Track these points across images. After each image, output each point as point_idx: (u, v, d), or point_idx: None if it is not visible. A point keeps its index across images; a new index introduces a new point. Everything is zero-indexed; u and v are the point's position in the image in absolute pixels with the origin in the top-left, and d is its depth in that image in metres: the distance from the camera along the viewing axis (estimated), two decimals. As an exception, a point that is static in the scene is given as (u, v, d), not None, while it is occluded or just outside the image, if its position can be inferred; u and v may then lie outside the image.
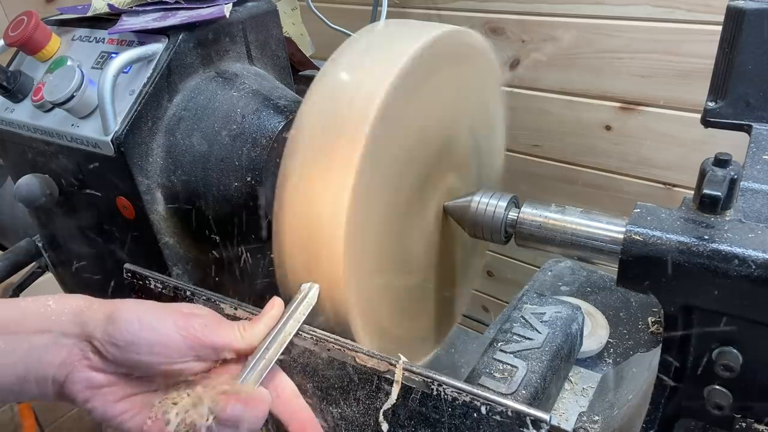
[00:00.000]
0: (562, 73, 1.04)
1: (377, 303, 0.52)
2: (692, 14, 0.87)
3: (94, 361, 0.42)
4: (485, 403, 0.40)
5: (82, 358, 0.42)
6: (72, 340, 0.42)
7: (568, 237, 0.51)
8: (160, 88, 0.61)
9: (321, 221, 0.45)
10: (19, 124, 0.66)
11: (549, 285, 0.88)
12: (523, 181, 1.18)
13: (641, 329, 0.78)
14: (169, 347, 0.42)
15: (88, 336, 0.42)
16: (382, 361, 0.43)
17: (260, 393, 0.43)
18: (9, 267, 0.76)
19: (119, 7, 0.66)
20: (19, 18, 0.64)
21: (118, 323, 0.41)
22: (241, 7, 0.68)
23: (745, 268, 0.35)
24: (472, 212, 0.57)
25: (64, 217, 0.71)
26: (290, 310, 0.46)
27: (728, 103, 0.52)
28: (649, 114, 0.98)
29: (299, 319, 0.46)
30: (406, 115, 0.49)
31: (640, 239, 0.38)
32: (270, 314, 0.46)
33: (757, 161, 0.46)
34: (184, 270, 0.68)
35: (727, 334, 0.39)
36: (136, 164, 0.60)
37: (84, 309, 0.43)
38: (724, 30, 0.51)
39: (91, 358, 0.42)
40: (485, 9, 1.08)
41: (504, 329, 0.64)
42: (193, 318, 0.44)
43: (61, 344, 0.42)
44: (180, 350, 0.42)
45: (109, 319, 0.42)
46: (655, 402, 0.44)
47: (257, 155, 0.61)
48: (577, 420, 0.60)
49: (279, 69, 0.74)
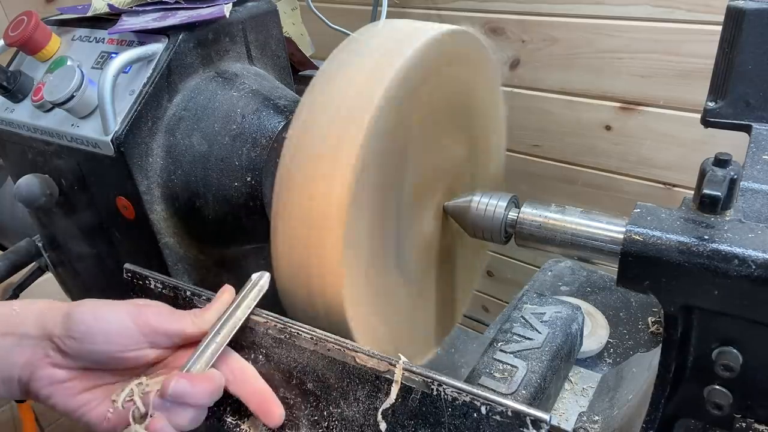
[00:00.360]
0: (562, 73, 1.04)
1: (376, 302, 0.52)
2: (692, 14, 0.87)
3: (55, 358, 0.45)
4: (485, 403, 0.40)
5: (44, 357, 0.45)
6: (34, 341, 0.45)
7: (568, 237, 0.51)
8: (160, 88, 0.61)
9: (320, 218, 0.45)
10: (19, 124, 0.66)
11: (549, 285, 0.88)
12: (523, 181, 1.18)
13: (641, 329, 0.78)
14: (123, 335, 0.45)
15: (49, 335, 0.45)
16: (382, 361, 0.43)
17: (209, 372, 0.45)
18: (9, 267, 0.76)
19: (119, 7, 0.66)
20: (19, 18, 0.64)
21: (74, 317, 0.44)
22: (241, 7, 0.68)
23: (745, 268, 0.35)
24: (472, 212, 0.57)
25: (64, 217, 0.71)
26: (240, 297, 0.49)
27: (728, 103, 0.52)
28: (649, 114, 0.98)
29: (250, 305, 0.48)
30: (405, 114, 0.49)
31: (640, 239, 0.38)
32: (221, 300, 0.49)
33: (757, 161, 0.46)
34: (184, 270, 0.68)
35: (727, 334, 0.39)
36: (136, 164, 0.60)
37: (45, 311, 0.46)
38: (724, 30, 0.51)
39: (52, 356, 0.45)
40: (485, 9, 1.08)
41: (504, 329, 0.64)
42: (145, 308, 0.47)
43: (24, 345, 0.45)
44: (133, 337, 0.45)
45: (66, 315, 0.45)
46: (655, 402, 0.44)
47: (257, 155, 0.61)
48: (577, 420, 0.60)
49: (279, 69, 0.74)
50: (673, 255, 0.37)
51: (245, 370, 0.48)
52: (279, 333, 0.47)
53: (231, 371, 0.47)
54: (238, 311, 0.48)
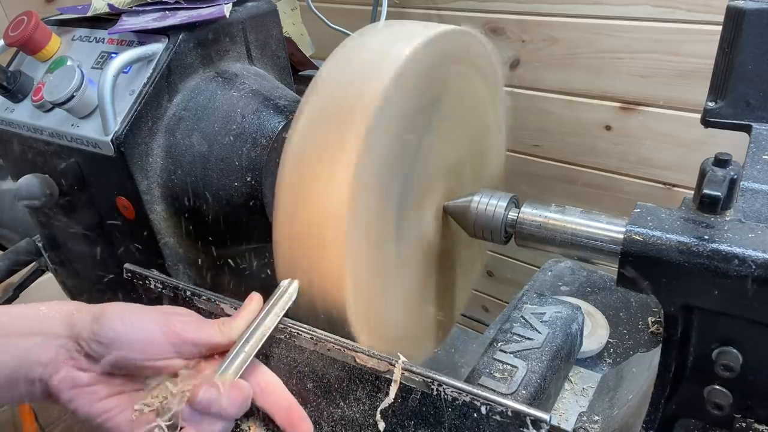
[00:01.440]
0: (562, 73, 1.04)
1: (376, 302, 0.52)
2: (692, 14, 0.87)
3: (79, 360, 0.44)
4: (485, 403, 0.40)
5: (69, 358, 0.44)
6: (60, 341, 0.44)
7: (568, 237, 0.51)
8: (160, 88, 0.61)
9: (321, 219, 0.45)
10: (19, 124, 0.66)
11: (549, 285, 0.88)
12: (523, 181, 1.18)
13: (641, 329, 0.78)
14: (150, 344, 0.44)
15: (76, 336, 0.44)
16: (382, 361, 0.43)
17: (237, 382, 0.43)
18: (9, 267, 0.76)
19: (119, 7, 0.66)
20: (19, 18, 0.64)
21: (102, 321, 0.43)
22: (241, 7, 0.68)
23: (745, 268, 0.35)
24: (472, 212, 0.57)
25: (64, 217, 0.70)
26: (269, 305, 0.47)
27: (728, 103, 0.52)
28: (649, 114, 0.98)
29: (278, 313, 0.47)
30: (405, 113, 0.49)
31: (640, 239, 0.38)
32: (249, 308, 0.47)
33: (757, 161, 0.46)
34: (184, 270, 0.68)
35: (727, 334, 0.39)
36: (136, 164, 0.60)
37: (75, 312, 0.45)
38: (724, 30, 0.51)
39: (77, 358, 0.44)
40: (485, 9, 1.08)
41: (504, 329, 0.64)
42: (173, 316, 0.46)
43: (49, 345, 0.44)
44: (161, 346, 0.44)
45: (95, 318, 0.44)
46: (655, 402, 0.44)
47: (257, 155, 0.61)
48: (577, 420, 0.60)
49: (279, 69, 0.74)
50: (673, 255, 0.37)
51: (272, 382, 0.47)
52: (279, 333, 0.47)
53: (258, 383, 0.46)
54: (266, 320, 0.46)
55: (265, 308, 0.47)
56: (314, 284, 0.47)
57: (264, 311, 0.47)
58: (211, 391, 0.42)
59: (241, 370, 0.44)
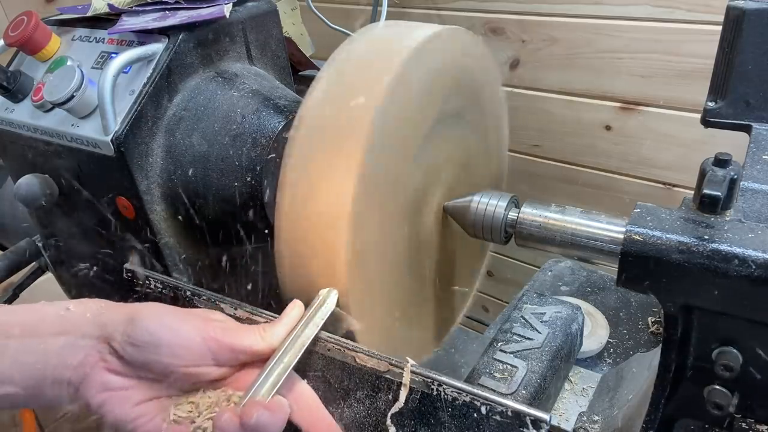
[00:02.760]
0: (562, 73, 1.04)
1: (376, 302, 0.52)
2: (692, 14, 0.87)
3: (111, 362, 0.42)
4: (485, 403, 0.40)
5: (100, 360, 0.41)
6: (91, 342, 0.42)
7: (568, 237, 0.51)
8: (160, 88, 0.61)
9: (324, 219, 0.45)
10: (19, 124, 0.66)
11: (549, 285, 0.88)
12: (523, 181, 1.18)
13: (641, 329, 0.78)
14: (188, 349, 0.41)
15: (108, 337, 0.41)
16: (382, 361, 0.43)
17: (278, 401, 0.41)
18: (9, 267, 0.76)
19: (119, 7, 0.66)
20: (19, 18, 0.64)
21: (138, 323, 0.41)
22: (241, 7, 0.68)
23: (745, 268, 0.35)
24: (472, 212, 0.57)
25: (64, 217, 0.70)
26: (308, 314, 0.45)
27: (728, 103, 0.52)
28: (649, 114, 0.98)
29: (318, 323, 0.45)
30: (406, 113, 0.49)
31: (640, 239, 0.38)
32: (290, 315, 0.45)
33: (757, 161, 0.46)
34: (184, 270, 0.67)
35: (727, 334, 0.39)
36: (136, 164, 0.60)
37: (104, 311, 0.43)
38: (724, 30, 0.51)
39: (109, 360, 0.41)
40: (485, 9, 1.08)
41: (504, 329, 0.64)
42: (212, 321, 0.44)
43: (80, 346, 0.41)
44: (199, 352, 0.42)
45: (130, 319, 0.41)
46: (655, 402, 0.44)
47: (257, 155, 0.61)
48: (577, 420, 0.60)
49: (279, 69, 0.74)
50: (673, 255, 0.37)
51: (310, 396, 0.45)
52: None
53: (295, 399, 0.43)
54: (306, 329, 0.44)
55: (305, 317, 0.45)
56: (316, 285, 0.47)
57: (304, 320, 0.44)
58: (265, 414, 0.39)
59: (279, 383, 0.41)
